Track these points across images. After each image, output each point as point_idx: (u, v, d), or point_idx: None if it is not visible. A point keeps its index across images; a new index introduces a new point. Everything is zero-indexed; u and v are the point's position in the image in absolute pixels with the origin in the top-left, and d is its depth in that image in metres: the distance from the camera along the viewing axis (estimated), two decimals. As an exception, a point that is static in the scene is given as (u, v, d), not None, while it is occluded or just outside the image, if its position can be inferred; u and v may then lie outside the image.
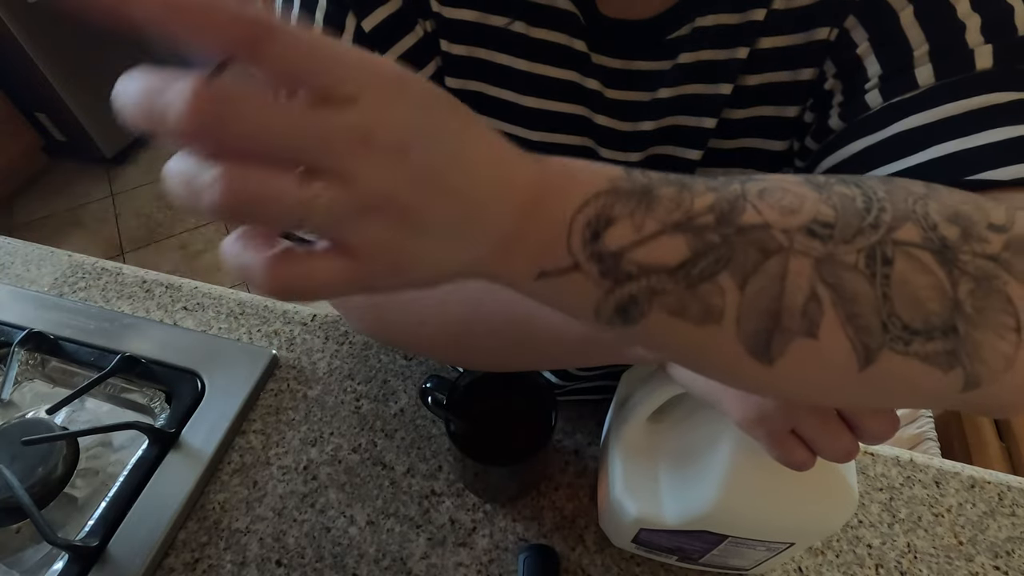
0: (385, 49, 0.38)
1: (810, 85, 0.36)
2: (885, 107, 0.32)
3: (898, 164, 0.31)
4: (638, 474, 0.44)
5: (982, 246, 0.24)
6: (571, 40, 0.37)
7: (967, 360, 0.23)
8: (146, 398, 0.64)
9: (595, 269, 0.23)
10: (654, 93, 0.38)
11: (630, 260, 0.23)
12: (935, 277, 0.23)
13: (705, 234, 0.23)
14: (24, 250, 0.79)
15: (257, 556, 0.53)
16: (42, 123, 2.15)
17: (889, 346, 0.23)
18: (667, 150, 0.41)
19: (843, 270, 0.23)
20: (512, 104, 0.40)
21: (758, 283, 0.22)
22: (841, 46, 0.34)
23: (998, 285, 0.23)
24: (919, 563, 0.51)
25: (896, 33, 0.32)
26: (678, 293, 0.23)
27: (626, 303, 0.23)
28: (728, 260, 0.23)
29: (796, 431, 0.31)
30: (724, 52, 0.36)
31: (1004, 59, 0.29)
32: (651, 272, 0.23)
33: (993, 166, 0.28)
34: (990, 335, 0.23)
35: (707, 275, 0.22)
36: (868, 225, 0.23)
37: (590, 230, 0.23)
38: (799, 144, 0.39)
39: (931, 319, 0.23)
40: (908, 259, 0.23)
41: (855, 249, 0.23)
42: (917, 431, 1.06)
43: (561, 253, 0.23)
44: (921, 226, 0.24)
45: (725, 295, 0.23)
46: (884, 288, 0.23)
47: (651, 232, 0.23)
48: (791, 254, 0.23)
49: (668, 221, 0.23)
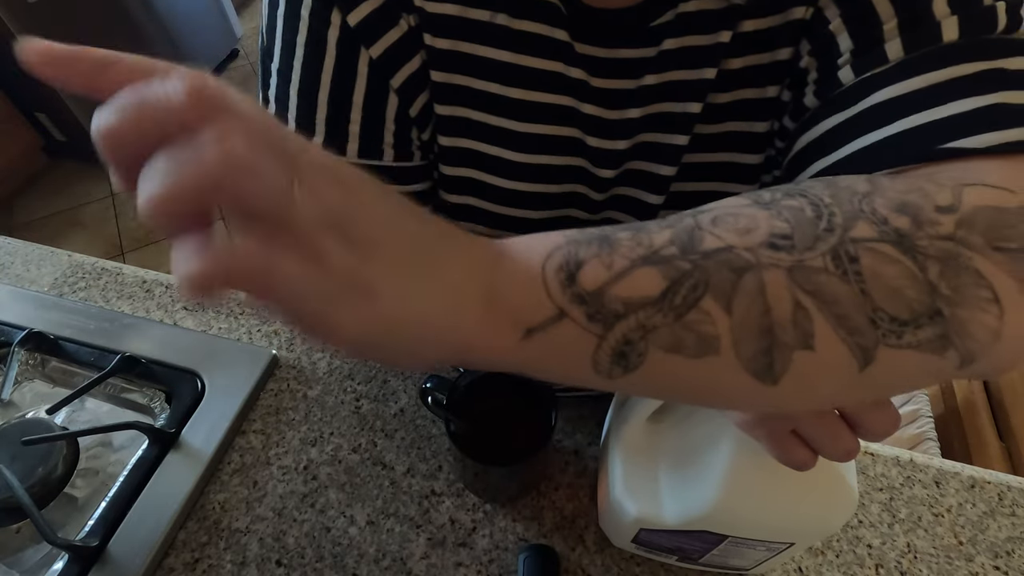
0: (371, 43, 0.38)
1: (787, 64, 0.37)
2: (857, 82, 0.32)
3: (870, 137, 0.31)
4: (638, 474, 0.44)
5: (935, 228, 0.24)
6: (553, 30, 0.38)
7: (958, 340, 0.23)
8: (146, 398, 0.64)
9: (581, 313, 0.22)
10: (639, 80, 0.38)
11: (613, 297, 0.23)
12: (902, 266, 0.23)
13: (673, 262, 0.23)
14: (24, 250, 0.79)
15: (257, 556, 0.53)
16: (42, 123, 2.15)
17: (883, 342, 0.23)
18: (654, 137, 0.41)
19: (816, 274, 0.23)
20: (498, 96, 0.40)
21: (742, 302, 0.23)
22: (815, 24, 0.35)
23: (964, 262, 0.23)
24: (919, 563, 0.51)
25: (866, 8, 0.32)
26: (669, 327, 0.23)
27: (622, 347, 0.23)
28: (706, 284, 0.23)
29: (796, 430, 0.31)
30: (708, 37, 0.36)
31: (969, 30, 0.29)
32: (637, 307, 0.23)
33: (964, 135, 0.28)
34: (974, 311, 0.23)
35: (691, 302, 0.23)
36: (823, 230, 0.24)
37: (564, 273, 0.23)
38: (779, 124, 0.39)
39: (914, 306, 0.23)
40: (872, 254, 0.23)
41: (819, 254, 0.23)
42: (917, 431, 1.06)
43: (542, 302, 0.23)
44: (872, 222, 0.24)
45: (716, 321, 0.23)
46: (860, 284, 0.23)
47: (622, 268, 0.23)
48: (762, 268, 0.23)
49: (634, 256, 0.23)
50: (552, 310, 0.23)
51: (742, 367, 0.23)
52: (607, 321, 0.22)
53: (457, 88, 0.40)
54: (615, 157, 0.42)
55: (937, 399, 1.18)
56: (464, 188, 0.45)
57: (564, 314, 0.23)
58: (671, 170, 0.42)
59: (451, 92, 0.41)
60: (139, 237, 2.09)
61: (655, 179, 0.43)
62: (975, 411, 1.10)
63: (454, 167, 0.44)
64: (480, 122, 0.42)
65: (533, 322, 0.23)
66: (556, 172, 0.43)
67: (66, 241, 2.07)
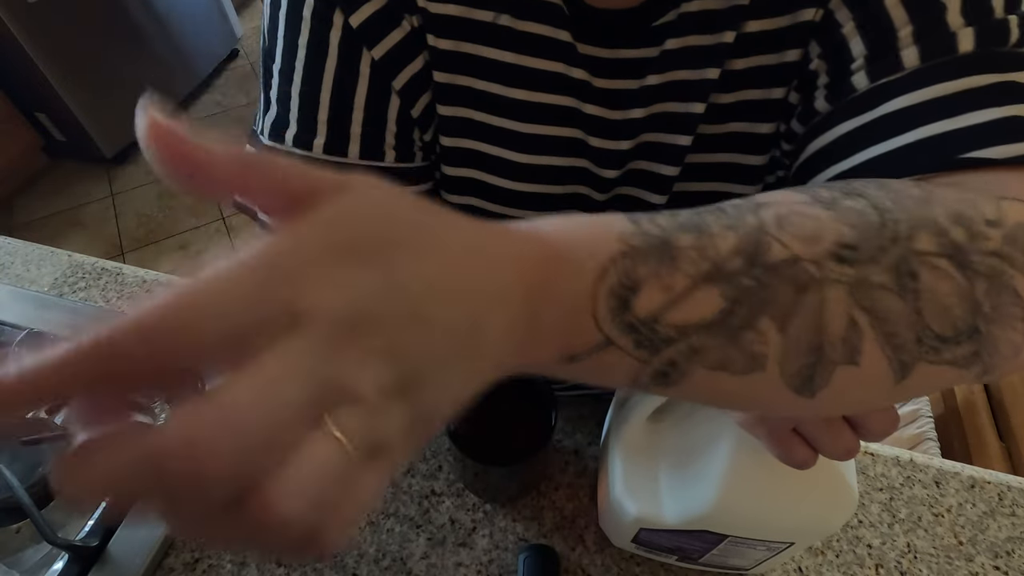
0: (373, 44, 0.38)
1: (795, 66, 0.36)
2: (871, 89, 0.32)
3: (887, 144, 0.31)
4: (638, 474, 0.44)
5: (985, 244, 0.24)
6: (555, 31, 0.38)
7: (987, 356, 0.24)
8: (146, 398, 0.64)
9: (629, 341, 0.21)
10: (642, 80, 0.38)
11: (666, 324, 0.21)
12: (955, 282, 0.23)
13: (737, 279, 0.22)
14: (24, 250, 0.79)
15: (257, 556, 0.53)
16: (42, 123, 2.15)
17: (924, 358, 0.23)
18: (657, 137, 0.41)
19: (875, 291, 0.22)
20: (500, 97, 0.40)
21: (799, 321, 0.22)
22: (826, 27, 0.34)
23: (1006, 280, 0.24)
24: (919, 563, 0.51)
25: (880, 14, 0.32)
26: (720, 348, 0.22)
27: (665, 369, 0.22)
28: (765, 303, 0.22)
29: (797, 429, 0.31)
30: (711, 37, 0.36)
31: (984, 42, 0.30)
32: (691, 332, 0.21)
33: (980, 146, 0.28)
34: (1005, 329, 0.23)
35: (747, 323, 0.22)
36: (888, 240, 0.23)
37: (616, 300, 0.21)
38: (785, 126, 0.39)
39: (958, 325, 0.23)
40: (930, 270, 0.23)
41: (882, 268, 0.23)
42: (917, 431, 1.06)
43: (589, 331, 0.21)
44: (933, 232, 0.24)
45: (768, 341, 0.22)
46: (915, 303, 0.23)
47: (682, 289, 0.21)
48: (825, 284, 0.22)
49: (697, 274, 0.22)
50: (598, 338, 0.21)
51: (784, 384, 0.22)
52: (655, 347, 0.21)
53: (459, 89, 0.40)
54: (618, 157, 0.42)
55: (937, 399, 1.18)
56: (466, 189, 0.45)
57: (610, 342, 0.21)
58: (674, 170, 0.42)
59: (453, 93, 0.41)
60: (139, 237, 2.09)
61: (658, 179, 0.43)
62: (975, 411, 1.10)
63: (456, 168, 0.44)
64: (482, 123, 0.42)
65: (577, 351, 0.22)
66: (558, 173, 0.43)
67: (66, 241, 2.07)
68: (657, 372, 0.22)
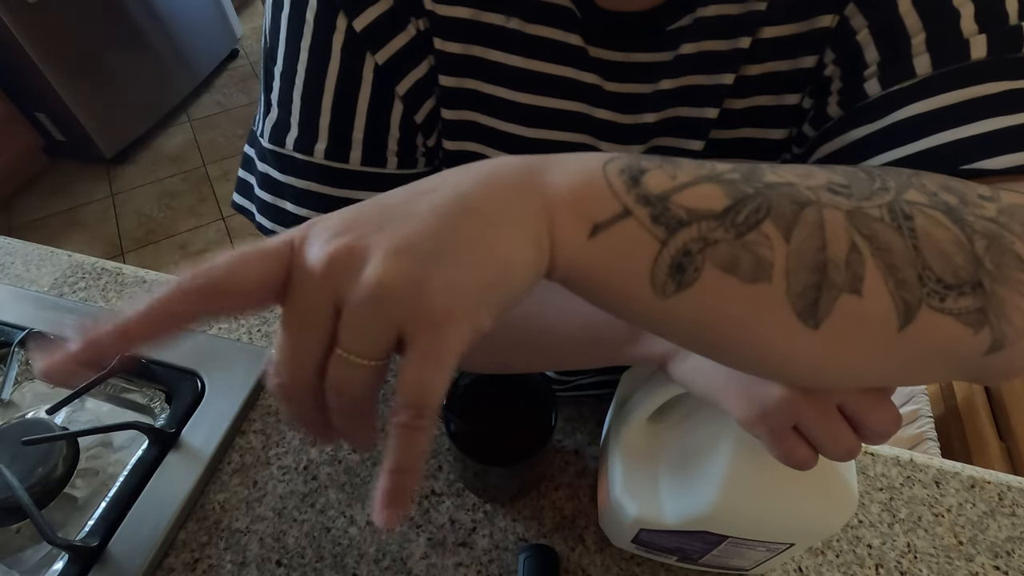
0: (377, 49, 0.37)
1: (810, 72, 0.36)
2: (883, 95, 0.32)
3: (895, 152, 0.31)
4: (638, 474, 0.44)
5: (980, 210, 0.24)
6: (566, 35, 0.37)
7: (995, 319, 0.24)
8: (146, 398, 0.64)
9: (646, 213, 0.22)
10: (656, 84, 0.38)
11: (677, 204, 0.23)
12: (952, 232, 0.24)
13: (737, 185, 0.23)
14: (24, 250, 0.79)
15: (257, 556, 0.53)
16: (42, 123, 2.15)
17: (927, 302, 0.23)
18: (669, 141, 0.41)
19: (873, 222, 0.23)
20: (508, 101, 0.40)
21: (802, 232, 0.23)
22: (841, 33, 0.34)
23: (1007, 244, 0.24)
24: (919, 563, 0.51)
25: (894, 20, 0.32)
26: (729, 243, 0.23)
27: (680, 257, 0.23)
28: (768, 208, 0.23)
29: (798, 429, 0.30)
30: (726, 42, 0.36)
31: (998, 49, 0.30)
32: (700, 217, 0.23)
33: (986, 156, 0.28)
34: (1012, 293, 0.24)
35: (752, 223, 0.23)
36: (878, 188, 0.24)
37: (627, 175, 0.23)
38: (796, 131, 0.39)
39: (960, 273, 0.23)
40: (924, 215, 0.24)
41: (876, 205, 0.24)
42: (917, 431, 1.06)
43: (607, 200, 0.23)
44: (923, 192, 0.25)
45: (773, 246, 0.23)
46: (912, 240, 0.23)
47: (686, 180, 0.23)
48: (823, 206, 0.23)
49: (698, 174, 0.23)
50: (617, 206, 0.22)
51: (788, 302, 0.23)
52: (670, 225, 0.22)
53: (466, 93, 0.40)
54: None
55: (937, 399, 1.18)
56: None
57: (629, 212, 0.22)
58: None
59: (460, 97, 0.40)
60: (139, 237, 2.09)
61: None
62: (975, 411, 1.10)
63: None
64: (488, 127, 0.41)
65: (599, 218, 0.23)
66: None
67: (66, 241, 2.07)
68: (673, 260, 0.23)
